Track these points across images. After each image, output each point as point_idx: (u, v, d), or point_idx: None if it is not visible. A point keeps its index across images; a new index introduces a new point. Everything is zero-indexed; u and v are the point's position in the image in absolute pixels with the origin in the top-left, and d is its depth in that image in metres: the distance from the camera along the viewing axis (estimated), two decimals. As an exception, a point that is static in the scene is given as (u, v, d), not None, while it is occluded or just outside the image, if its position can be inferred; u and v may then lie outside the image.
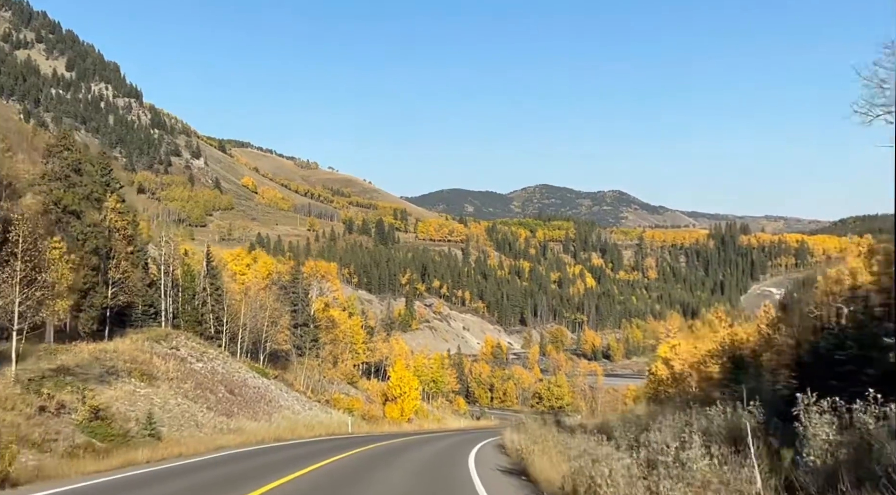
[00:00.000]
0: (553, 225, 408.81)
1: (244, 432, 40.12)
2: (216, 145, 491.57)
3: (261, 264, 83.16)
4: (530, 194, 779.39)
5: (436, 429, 70.30)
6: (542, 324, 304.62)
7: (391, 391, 68.35)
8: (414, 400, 68.92)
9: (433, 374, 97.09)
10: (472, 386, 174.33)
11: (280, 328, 64.34)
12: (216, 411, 44.50)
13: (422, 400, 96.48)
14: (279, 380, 59.05)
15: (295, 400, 56.83)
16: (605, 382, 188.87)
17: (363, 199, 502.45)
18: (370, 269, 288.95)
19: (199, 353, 53.41)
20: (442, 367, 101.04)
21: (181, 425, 38.49)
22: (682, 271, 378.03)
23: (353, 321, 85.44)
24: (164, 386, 43.93)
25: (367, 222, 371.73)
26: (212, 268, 61.97)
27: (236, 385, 51.65)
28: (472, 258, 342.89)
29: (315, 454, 26.55)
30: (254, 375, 55.80)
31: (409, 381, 68.07)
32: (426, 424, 73.46)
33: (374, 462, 23.57)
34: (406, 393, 67.76)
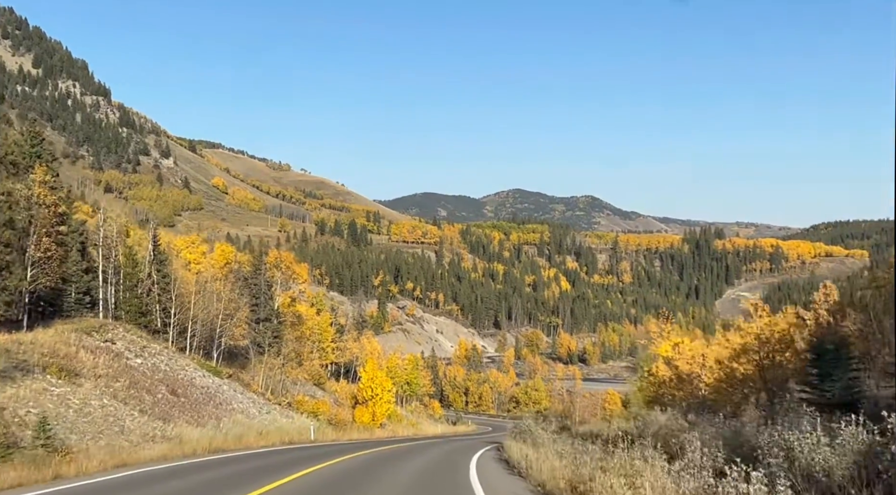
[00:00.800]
0: (527, 228, 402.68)
1: (181, 440, 32.63)
2: (186, 146, 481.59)
3: (218, 253, 75.51)
4: (503, 199, 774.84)
5: (411, 436, 63.06)
6: (517, 327, 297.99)
7: (362, 393, 61.05)
8: (387, 403, 61.61)
9: (407, 376, 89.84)
10: (446, 389, 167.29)
11: (237, 322, 56.75)
12: (151, 414, 36.94)
13: (395, 403, 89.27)
14: (234, 380, 51.50)
15: (251, 402, 49.32)
16: (583, 386, 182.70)
17: (336, 202, 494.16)
18: (342, 271, 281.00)
19: (139, 348, 45.74)
20: (416, 368, 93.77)
21: (100, 432, 30.90)
22: (657, 275, 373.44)
23: (321, 318, 78.01)
24: (88, 384, 36.27)
25: (340, 224, 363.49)
26: (159, 254, 54.29)
27: (181, 384, 44.07)
28: (445, 260, 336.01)
29: (247, 477, 19.14)
30: (204, 374, 48.23)
31: (381, 382, 60.77)
32: (400, 430, 66.22)
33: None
34: (378, 396, 60.48)
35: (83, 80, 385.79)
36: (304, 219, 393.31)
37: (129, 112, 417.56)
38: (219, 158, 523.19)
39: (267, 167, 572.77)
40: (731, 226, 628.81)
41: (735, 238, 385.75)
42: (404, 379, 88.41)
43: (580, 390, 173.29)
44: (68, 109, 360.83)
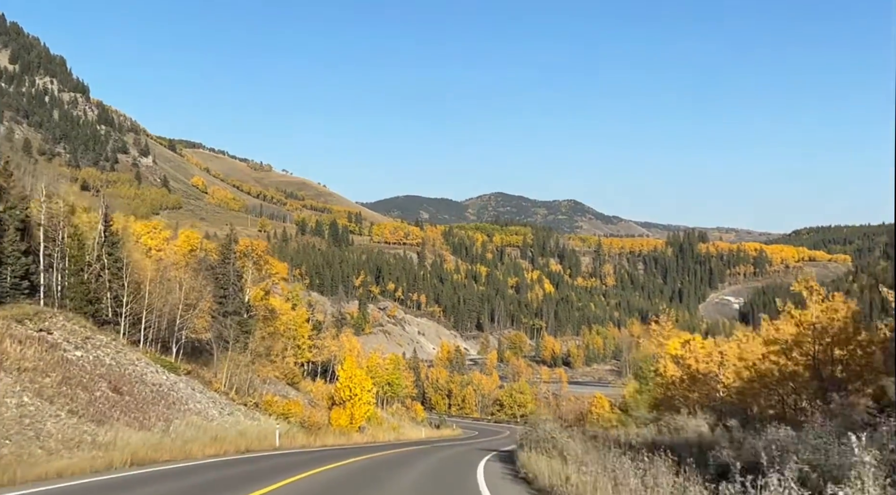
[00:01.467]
0: (510, 230, 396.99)
1: (111, 447, 26.43)
2: (166, 144, 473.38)
3: (182, 239, 69.13)
4: (486, 202, 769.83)
5: (393, 441, 57.00)
6: (500, 329, 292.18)
7: (339, 393, 54.92)
8: (367, 404, 55.48)
9: (388, 376, 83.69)
10: (428, 392, 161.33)
11: (199, 312, 50.37)
12: (84, 415, 30.59)
13: (376, 405, 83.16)
14: (193, 377, 45.17)
15: (211, 402, 43.02)
16: (568, 390, 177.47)
17: (317, 203, 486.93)
18: (322, 270, 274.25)
19: (80, 339, 39.36)
20: (398, 368, 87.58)
21: (6, 437, 24.67)
22: (641, 278, 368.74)
23: (296, 313, 71.70)
24: (7, 379, 29.98)
25: (321, 224, 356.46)
26: (111, 235, 47.84)
27: (127, 381, 37.73)
28: (427, 262, 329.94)
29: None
30: (157, 370, 41.91)
31: (360, 382, 54.64)
32: (381, 434, 60.09)
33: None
34: (357, 397, 54.36)
35: (61, 77, 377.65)
36: (284, 219, 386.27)
37: (107, 110, 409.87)
38: (199, 158, 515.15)
39: (248, 167, 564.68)
40: (712, 232, 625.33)
41: (718, 242, 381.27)
42: (385, 379, 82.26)
43: (566, 393, 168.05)
44: (45, 106, 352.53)
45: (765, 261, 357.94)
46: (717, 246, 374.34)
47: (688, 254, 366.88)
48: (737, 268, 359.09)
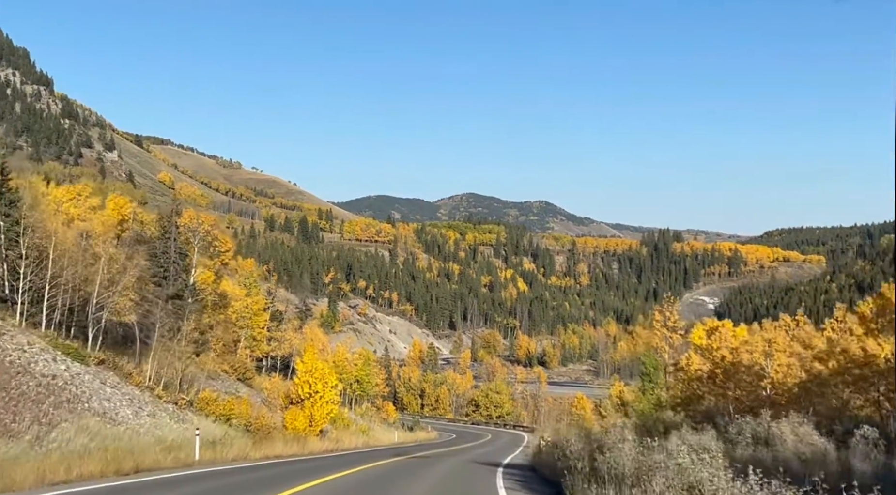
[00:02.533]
0: (483, 228, 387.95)
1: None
2: (132, 140, 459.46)
3: (111, 207, 58.97)
4: (458, 202, 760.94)
5: (361, 448, 47.59)
6: (473, 328, 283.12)
7: (297, 389, 45.40)
8: (330, 403, 45.99)
9: (357, 372, 74.05)
10: (400, 391, 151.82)
11: (122, 290, 40.48)
12: None
13: (343, 405, 73.55)
14: (107, 368, 35.38)
15: (126, 400, 33.25)
16: (547, 390, 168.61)
17: (288, 201, 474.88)
18: (291, 267, 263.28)
19: (-53, 317, 29.60)
20: (368, 364, 77.89)
21: None
22: (615, 278, 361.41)
23: (252, 300, 61.89)
24: None
25: (291, 221, 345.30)
26: (8, 191, 37.93)
27: (1, 371, 27.93)
28: (399, 259, 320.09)
29: None
30: (55, 357, 32.10)
31: (323, 376, 45.13)
32: (347, 438, 50.54)
33: None
34: (318, 394, 44.93)
35: (24, 69, 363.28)
36: (253, 216, 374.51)
37: (72, 103, 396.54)
38: (167, 155, 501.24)
39: (217, 164, 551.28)
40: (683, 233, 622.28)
41: (693, 241, 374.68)
42: (353, 376, 72.65)
43: (544, 393, 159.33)
44: (7, 98, 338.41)
45: (739, 261, 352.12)
46: (691, 245, 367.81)
47: (662, 254, 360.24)
48: (711, 268, 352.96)
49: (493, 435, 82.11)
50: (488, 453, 43.98)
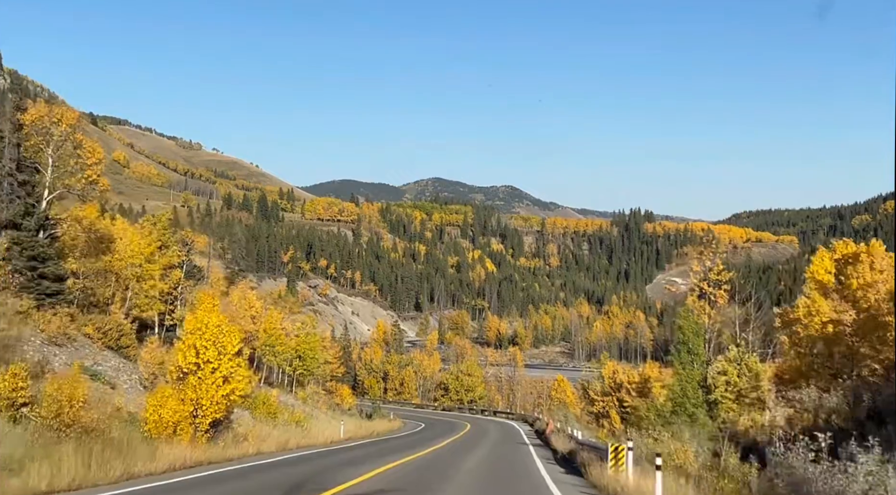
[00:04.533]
0: (450, 209, 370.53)
1: None
2: (87, 119, 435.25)
3: None
4: (423, 187, 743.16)
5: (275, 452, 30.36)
6: (440, 309, 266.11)
7: (182, 357, 27.84)
8: (233, 380, 28.29)
9: (299, 346, 56.79)
10: (360, 374, 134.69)
11: None
12: None
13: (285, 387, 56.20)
14: None
15: None
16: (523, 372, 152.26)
17: (249, 183, 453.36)
18: (248, 245, 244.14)
19: None
20: (311, 334, 60.21)
21: None
22: (585, 259, 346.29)
23: (145, 241, 44.27)
24: None
25: (249, 199, 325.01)
26: None
27: None
28: (363, 239, 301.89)
29: None
30: None
31: (216, 337, 27.70)
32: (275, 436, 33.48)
33: None
34: (212, 365, 27.47)
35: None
36: (211, 195, 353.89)
37: (22, 79, 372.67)
38: (124, 135, 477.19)
39: (177, 145, 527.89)
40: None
41: (665, 221, 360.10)
42: (292, 349, 55.23)
43: (520, 376, 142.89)
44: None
45: (712, 242, 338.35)
46: (663, 226, 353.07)
47: (634, 234, 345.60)
48: (684, 249, 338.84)
49: (471, 423, 65.13)
50: (458, 449, 27.18)
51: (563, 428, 34.40)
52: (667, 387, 47.70)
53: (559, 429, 34.01)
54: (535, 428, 54.51)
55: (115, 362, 35.13)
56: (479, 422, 68.33)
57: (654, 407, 44.46)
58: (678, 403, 42.89)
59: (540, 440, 41.48)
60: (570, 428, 33.46)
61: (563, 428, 34.61)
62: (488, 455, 30.17)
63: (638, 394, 54.50)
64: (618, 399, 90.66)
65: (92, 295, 39.49)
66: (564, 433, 33.18)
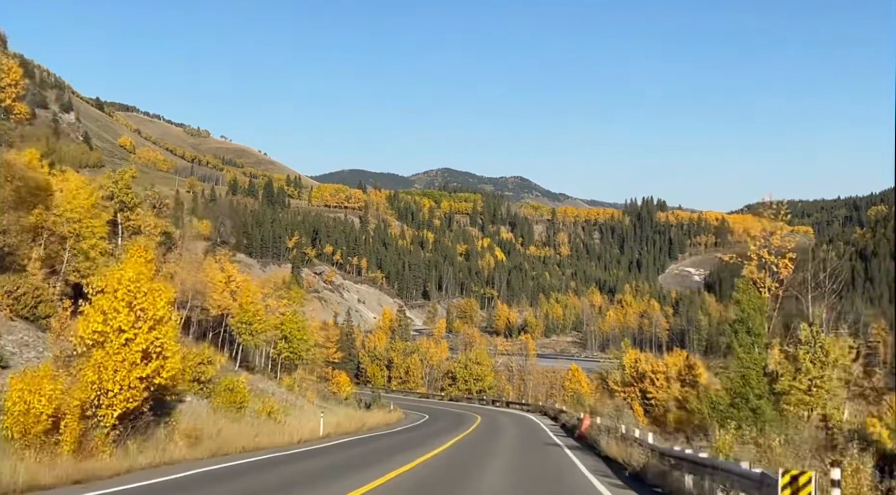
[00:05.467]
0: (459, 196, 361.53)
1: None
2: (94, 105, 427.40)
3: None
4: (432, 177, 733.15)
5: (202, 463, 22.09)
6: (448, 298, 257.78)
7: (84, 325, 19.36)
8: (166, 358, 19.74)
9: (284, 325, 48.55)
10: (363, 361, 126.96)
11: None
12: None
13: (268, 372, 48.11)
14: None
15: None
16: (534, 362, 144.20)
17: (257, 171, 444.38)
18: (251, 230, 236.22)
19: None
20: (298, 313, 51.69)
21: None
22: (597, 248, 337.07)
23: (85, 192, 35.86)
24: None
25: (255, 185, 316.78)
26: None
27: None
28: (370, 226, 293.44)
29: None
30: None
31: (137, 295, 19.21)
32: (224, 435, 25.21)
33: None
34: (126, 334, 19.09)
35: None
36: (217, 181, 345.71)
37: (28, 63, 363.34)
38: (132, 121, 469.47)
39: (185, 133, 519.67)
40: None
41: (678, 210, 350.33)
42: (275, 329, 47.02)
43: (531, 365, 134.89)
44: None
45: (726, 232, 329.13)
46: (676, 215, 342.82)
47: (646, 224, 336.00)
48: (697, 239, 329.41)
49: (482, 416, 56.87)
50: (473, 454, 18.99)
51: (611, 427, 25.84)
52: (721, 375, 39.40)
53: (605, 428, 25.48)
54: (561, 423, 45.92)
55: (23, 335, 26.97)
56: (490, 415, 60.10)
57: (707, 400, 36.27)
58: (738, 394, 34.67)
59: (575, 440, 33.30)
60: (626, 427, 24.99)
61: (612, 426, 26.02)
62: (516, 466, 21.70)
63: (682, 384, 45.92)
64: (640, 390, 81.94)
65: (11, 253, 31.32)
66: (615, 434, 24.79)
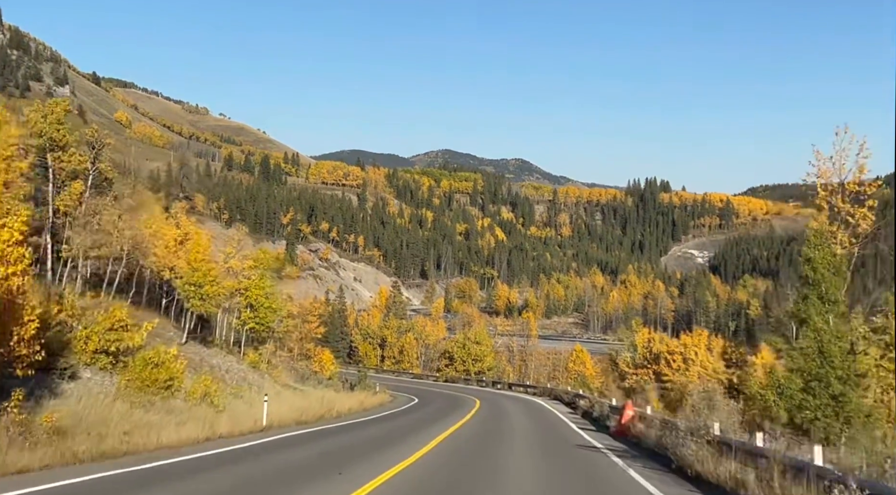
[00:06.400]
0: (459, 176, 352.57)
1: None
2: (90, 79, 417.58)
3: None
4: (433, 158, 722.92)
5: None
6: (447, 277, 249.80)
7: None
8: None
9: (249, 290, 40.43)
10: (355, 340, 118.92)
11: None
12: None
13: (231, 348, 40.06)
14: None
15: None
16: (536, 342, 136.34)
17: (256, 149, 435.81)
18: (245, 205, 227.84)
19: None
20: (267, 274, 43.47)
21: None
22: (599, 229, 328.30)
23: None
24: None
25: (251, 161, 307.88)
26: None
27: None
28: (368, 204, 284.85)
29: None
30: None
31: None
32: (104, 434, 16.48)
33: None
34: None
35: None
36: (214, 157, 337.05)
37: (23, 35, 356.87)
38: (129, 97, 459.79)
39: (183, 110, 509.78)
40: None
41: (682, 191, 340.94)
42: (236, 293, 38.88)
43: (533, 346, 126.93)
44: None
45: (731, 214, 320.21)
46: (680, 196, 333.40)
47: (649, 205, 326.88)
48: (701, 220, 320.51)
49: (481, 400, 48.65)
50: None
51: (697, 427, 16.22)
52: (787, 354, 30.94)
53: (688, 430, 16.05)
54: (582, 411, 36.73)
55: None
56: (490, 399, 51.89)
57: (773, 385, 27.94)
58: (814, 377, 26.51)
59: (613, 438, 25.07)
60: (717, 427, 16.00)
61: (698, 425, 16.33)
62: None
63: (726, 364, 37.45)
64: (655, 372, 74.08)
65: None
66: (703, 436, 15.75)
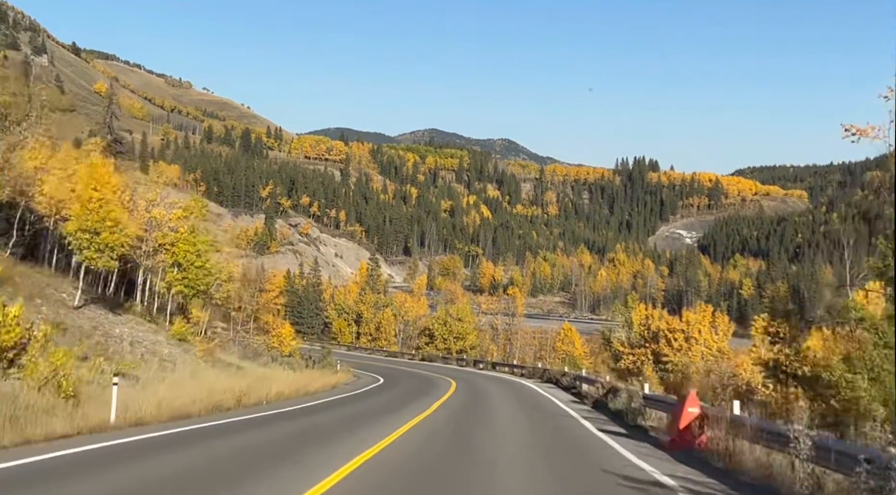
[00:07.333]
0: (445, 152, 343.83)
1: None
2: (70, 49, 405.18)
3: None
4: (419, 137, 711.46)
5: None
6: (431, 254, 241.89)
7: None
8: None
9: (176, 245, 32.47)
10: (330, 316, 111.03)
11: None
12: None
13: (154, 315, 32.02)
14: None
15: None
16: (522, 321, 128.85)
17: (239, 124, 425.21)
18: (223, 178, 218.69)
19: None
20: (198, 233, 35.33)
21: None
22: (586, 208, 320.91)
23: None
24: None
25: (233, 134, 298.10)
26: None
27: None
28: (351, 179, 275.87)
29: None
30: None
31: None
32: None
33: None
34: None
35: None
36: (194, 130, 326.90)
37: (1, 4, 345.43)
38: (110, 69, 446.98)
39: (166, 83, 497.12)
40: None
41: (671, 171, 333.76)
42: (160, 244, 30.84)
43: (519, 324, 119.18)
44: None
45: (720, 194, 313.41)
46: (669, 175, 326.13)
47: (637, 184, 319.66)
48: (690, 200, 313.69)
49: (458, 381, 40.79)
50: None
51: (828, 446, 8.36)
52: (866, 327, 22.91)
53: (769, 434, 8.46)
54: (595, 400, 27.45)
55: None
56: (470, 380, 44.03)
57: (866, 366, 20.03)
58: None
59: (670, 454, 15.76)
60: None
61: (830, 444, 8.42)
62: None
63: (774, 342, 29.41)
64: (653, 351, 67.69)
65: None
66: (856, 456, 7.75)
